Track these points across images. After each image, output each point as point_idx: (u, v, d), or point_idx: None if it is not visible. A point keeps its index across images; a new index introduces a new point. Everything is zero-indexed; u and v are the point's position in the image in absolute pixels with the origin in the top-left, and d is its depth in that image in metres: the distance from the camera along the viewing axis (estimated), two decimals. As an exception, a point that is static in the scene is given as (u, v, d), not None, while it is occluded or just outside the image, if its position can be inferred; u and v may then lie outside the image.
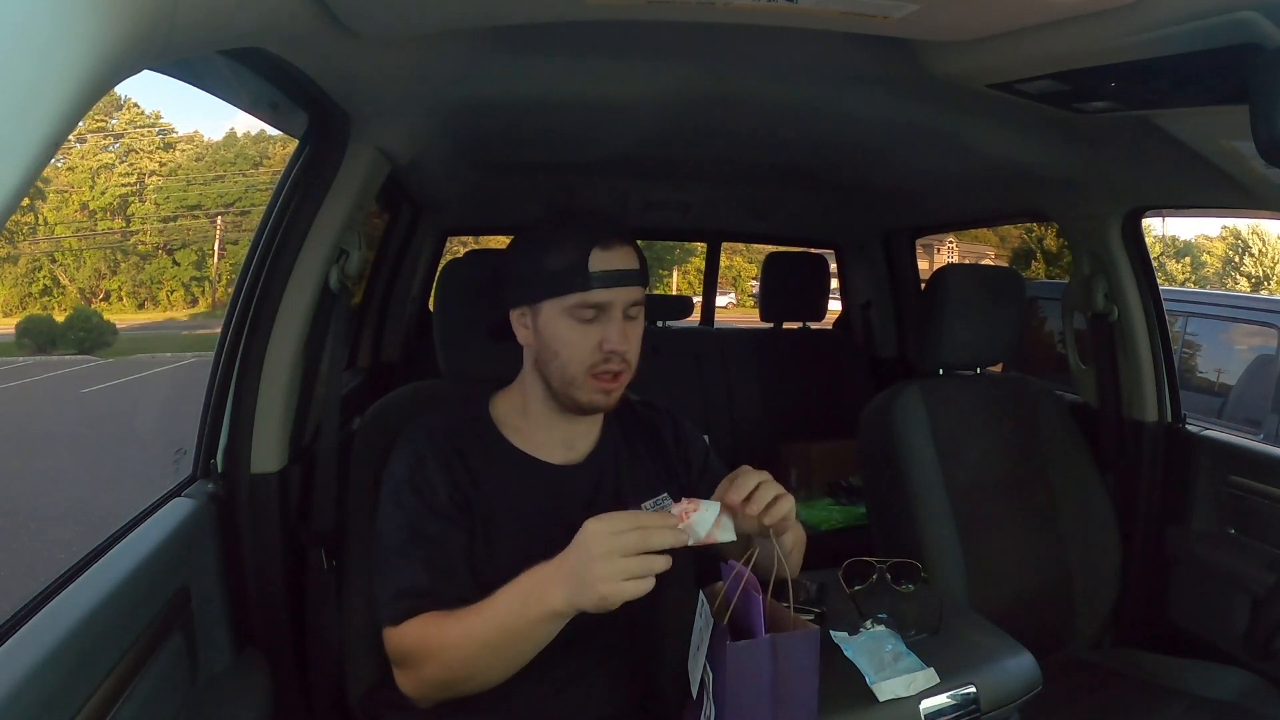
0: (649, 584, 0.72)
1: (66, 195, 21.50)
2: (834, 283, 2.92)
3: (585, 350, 0.89)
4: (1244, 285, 16.47)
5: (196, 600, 0.94)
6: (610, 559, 0.71)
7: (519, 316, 0.94)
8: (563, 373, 0.90)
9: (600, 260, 0.88)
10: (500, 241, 2.46)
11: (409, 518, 0.88)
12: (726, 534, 0.78)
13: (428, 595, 0.83)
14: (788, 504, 0.81)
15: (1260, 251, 16.93)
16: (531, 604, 0.76)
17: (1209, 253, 18.35)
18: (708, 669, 0.78)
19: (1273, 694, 1.28)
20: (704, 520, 0.77)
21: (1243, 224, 16.76)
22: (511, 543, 0.90)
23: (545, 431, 0.96)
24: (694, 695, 0.81)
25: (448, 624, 0.80)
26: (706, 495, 0.82)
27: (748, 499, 0.80)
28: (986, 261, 10.16)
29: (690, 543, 0.76)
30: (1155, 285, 1.57)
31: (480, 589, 0.85)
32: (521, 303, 0.93)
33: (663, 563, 0.72)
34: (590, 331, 0.89)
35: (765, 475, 0.81)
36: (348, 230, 1.15)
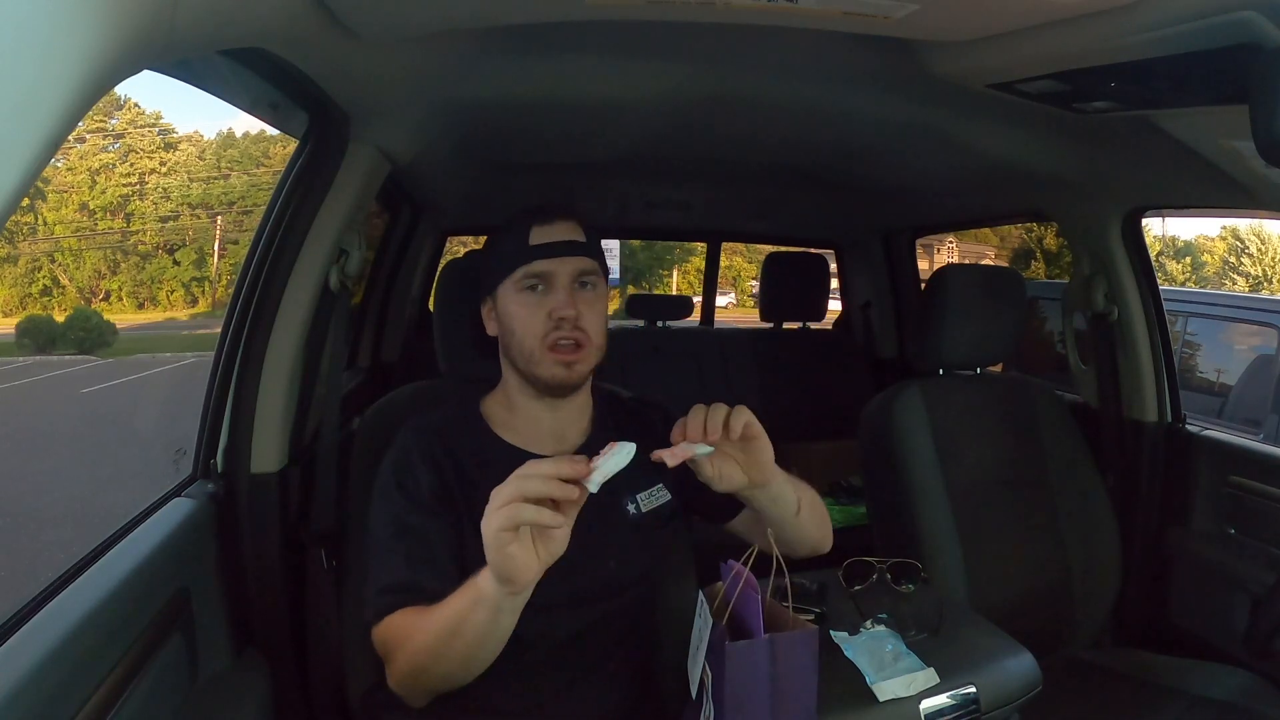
0: (552, 549, 0.68)
1: (66, 195, 21.50)
2: (834, 283, 2.92)
3: (537, 322, 0.90)
4: (1243, 285, 16.47)
5: (196, 600, 0.94)
6: (491, 514, 0.66)
7: (487, 312, 0.98)
8: (521, 349, 0.92)
9: (540, 235, 0.92)
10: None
11: (394, 512, 0.88)
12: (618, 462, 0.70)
13: (409, 590, 0.83)
14: (744, 415, 0.78)
15: (1260, 251, 16.93)
16: (468, 589, 0.74)
17: (1209, 253, 18.34)
18: (707, 669, 0.78)
19: (1273, 694, 1.28)
20: (613, 464, 0.69)
21: (1243, 224, 16.76)
22: None
23: (533, 425, 0.96)
24: (694, 695, 0.81)
25: (418, 617, 0.80)
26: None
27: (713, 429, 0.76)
28: (986, 261, 10.17)
29: (592, 489, 0.68)
30: (1155, 285, 1.57)
31: None
32: (485, 295, 0.97)
33: (532, 514, 0.66)
34: (540, 303, 0.91)
35: (714, 406, 0.78)
36: (348, 230, 1.15)
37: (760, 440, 0.81)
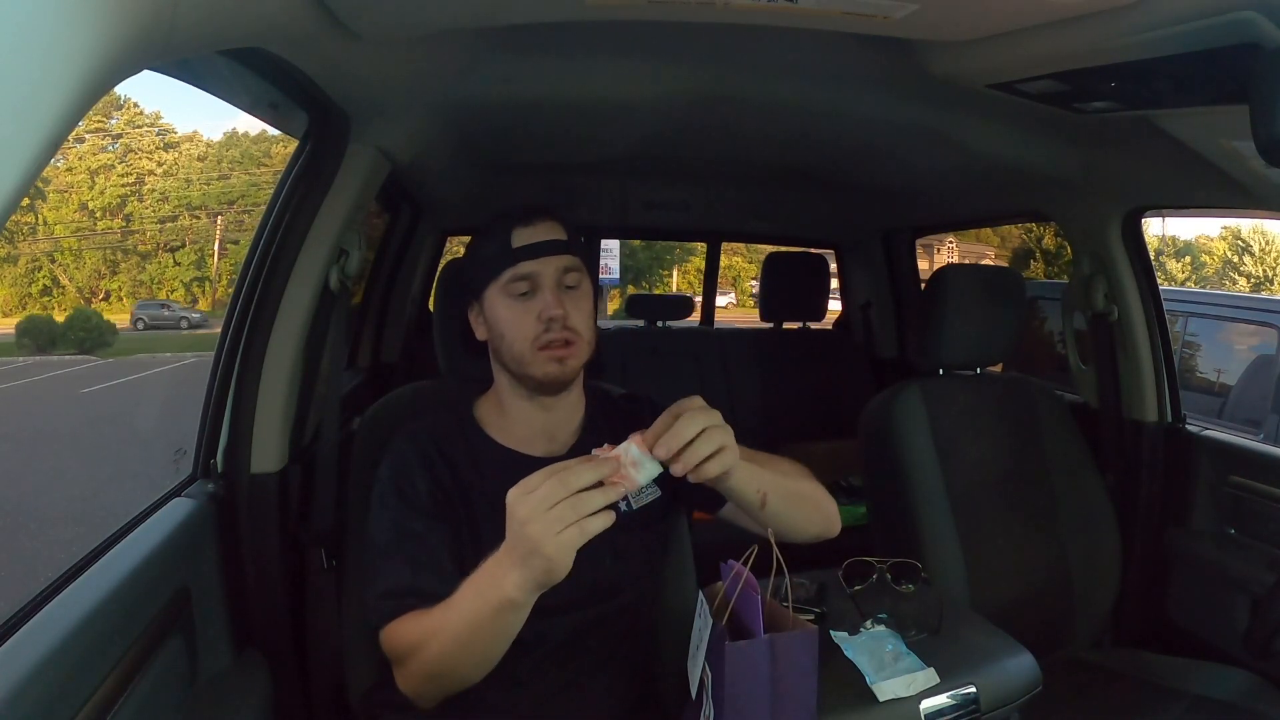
0: (591, 526, 0.68)
1: (66, 195, 21.50)
2: (834, 283, 2.92)
3: (527, 324, 0.91)
4: (1244, 285, 16.47)
5: (196, 600, 0.94)
6: (536, 518, 0.68)
7: (474, 316, 0.98)
8: (512, 352, 0.92)
9: (523, 236, 0.92)
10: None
11: (394, 518, 0.88)
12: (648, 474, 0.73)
13: (412, 593, 0.83)
14: (718, 466, 0.76)
15: (1261, 251, 16.94)
16: (489, 595, 0.74)
17: (1209, 253, 18.35)
18: (707, 669, 0.78)
19: (1273, 694, 1.28)
20: (643, 476, 0.72)
21: (1244, 223, 16.77)
22: (498, 537, 0.90)
23: (524, 425, 0.96)
24: (693, 695, 0.81)
25: (426, 620, 0.80)
26: (681, 480, 0.77)
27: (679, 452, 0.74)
28: (986, 261, 10.16)
29: (626, 495, 0.72)
30: (1155, 285, 1.57)
31: None
32: (472, 300, 0.97)
33: (600, 498, 0.69)
34: (528, 306, 0.91)
35: (705, 423, 0.75)
36: (348, 230, 1.15)
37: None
